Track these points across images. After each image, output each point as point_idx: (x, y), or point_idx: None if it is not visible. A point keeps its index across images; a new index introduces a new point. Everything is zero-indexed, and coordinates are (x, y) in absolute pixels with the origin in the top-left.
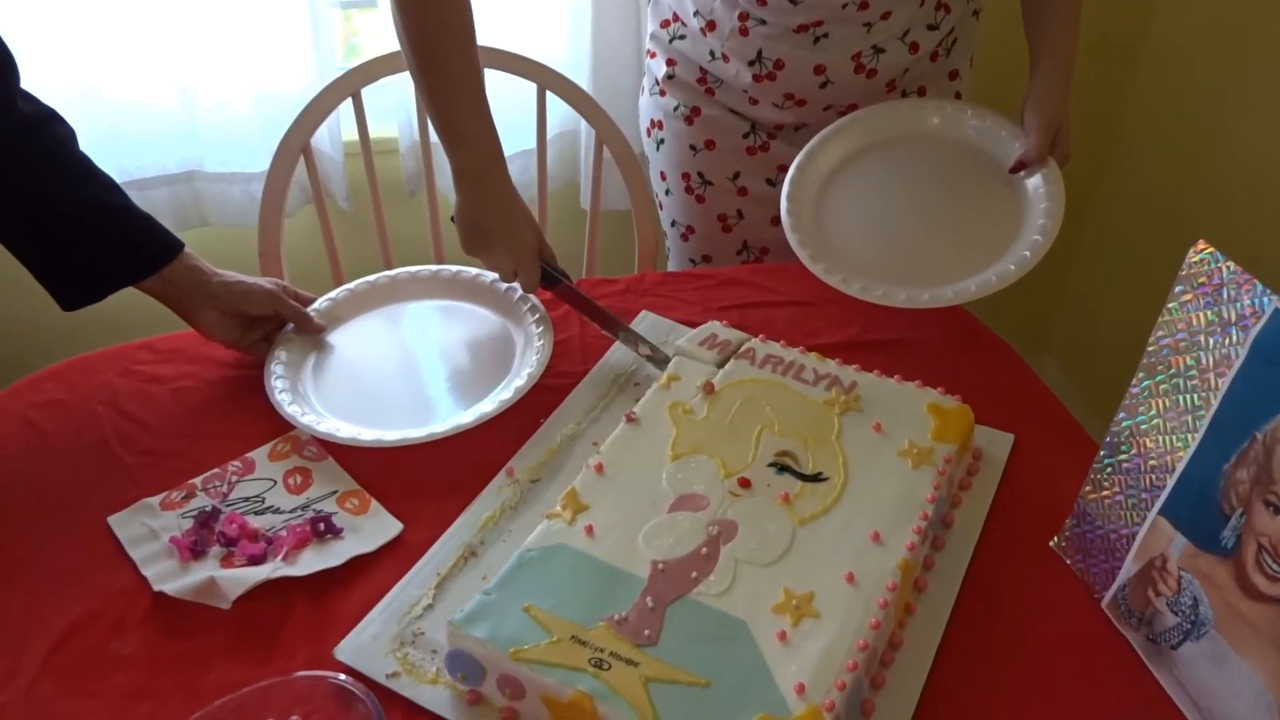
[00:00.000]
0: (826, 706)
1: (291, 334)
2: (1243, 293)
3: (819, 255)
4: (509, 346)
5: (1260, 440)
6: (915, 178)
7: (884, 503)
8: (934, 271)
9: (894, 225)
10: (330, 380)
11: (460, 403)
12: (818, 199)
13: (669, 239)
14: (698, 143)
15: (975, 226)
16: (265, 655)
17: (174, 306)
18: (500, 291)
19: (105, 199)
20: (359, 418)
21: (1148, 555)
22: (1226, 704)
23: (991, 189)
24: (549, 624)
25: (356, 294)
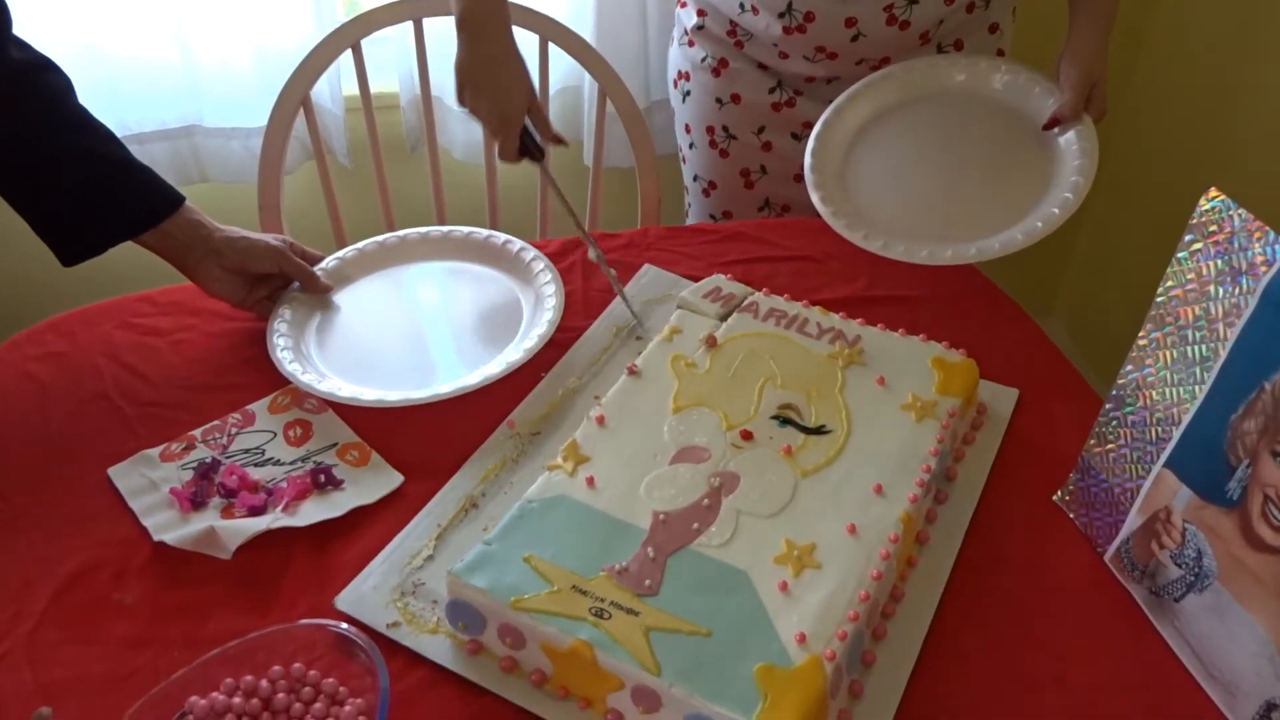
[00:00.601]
0: (827, 656)
1: (297, 293)
2: (1254, 240)
3: (840, 211)
4: (518, 308)
5: (1269, 390)
6: (944, 135)
7: (887, 455)
8: (958, 229)
9: (919, 183)
10: (335, 340)
11: (466, 364)
12: (843, 155)
13: (690, 194)
14: (724, 96)
15: (1003, 185)
16: (266, 605)
17: (175, 262)
18: (512, 254)
19: (103, 150)
20: (362, 377)
21: (1152, 508)
22: (1229, 656)
23: (1023, 147)
24: (549, 574)
25: (365, 254)
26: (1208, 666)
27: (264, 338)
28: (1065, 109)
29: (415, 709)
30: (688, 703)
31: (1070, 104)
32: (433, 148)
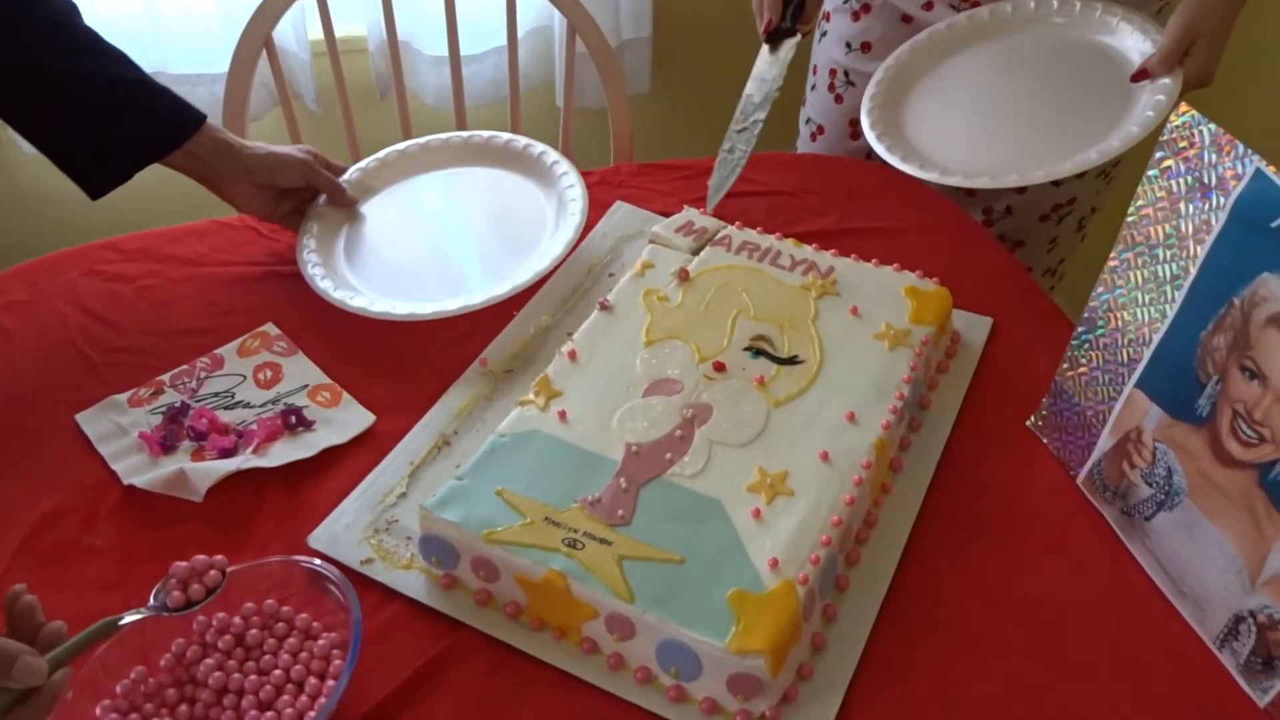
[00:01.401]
0: (800, 580)
1: (322, 208)
2: (1224, 155)
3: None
4: (542, 212)
5: (1238, 305)
6: (1015, 78)
7: (859, 384)
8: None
9: (978, 123)
10: (362, 255)
11: (493, 274)
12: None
13: (800, 137)
14: (854, 41)
15: (1063, 131)
16: (238, 545)
17: (205, 181)
18: (533, 157)
19: (118, 73)
20: (391, 291)
21: (1123, 429)
22: (1198, 572)
23: (1102, 96)
24: (522, 506)
25: (387, 163)
26: (1177, 583)
27: (227, 284)
28: (1153, 59)
29: (391, 643)
30: (661, 629)
31: (1161, 56)
32: (400, 92)
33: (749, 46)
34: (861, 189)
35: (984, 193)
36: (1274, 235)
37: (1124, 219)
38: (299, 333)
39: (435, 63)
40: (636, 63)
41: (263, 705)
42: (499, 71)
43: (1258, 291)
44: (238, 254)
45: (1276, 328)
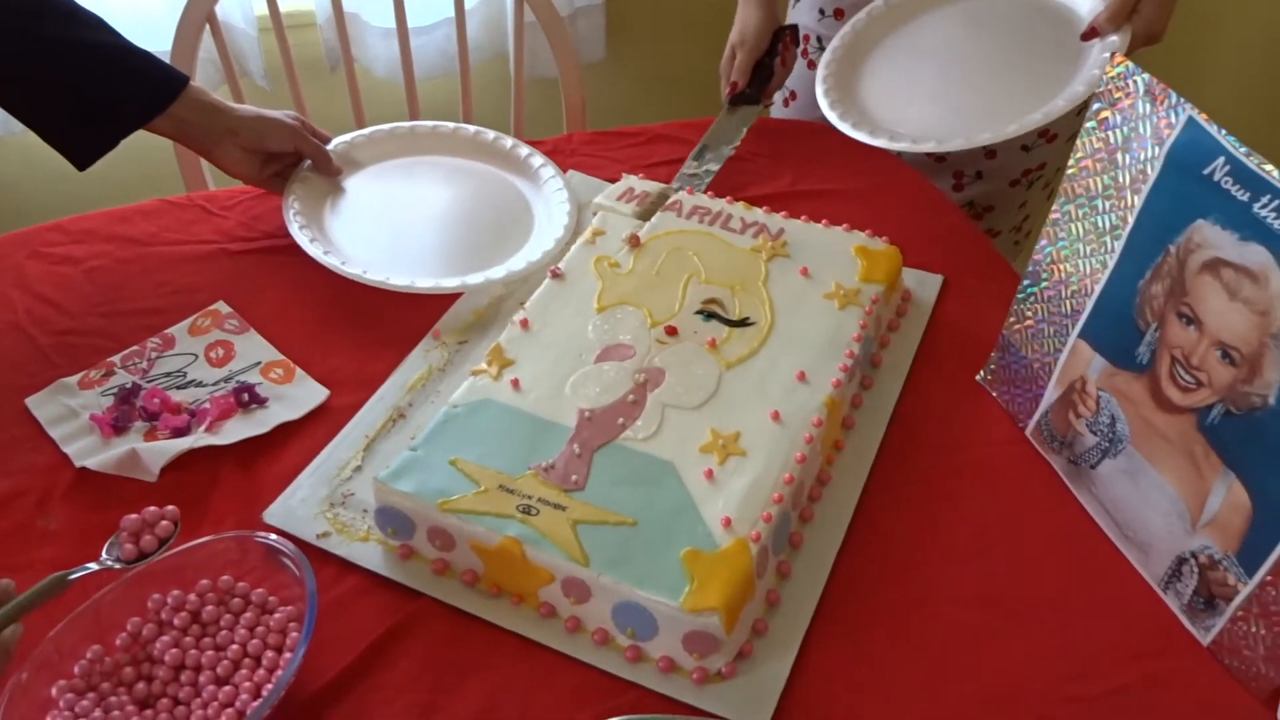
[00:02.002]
0: (753, 538)
1: (307, 174)
2: (1157, 105)
3: (846, 109)
4: (526, 211)
5: (1174, 253)
6: (971, 42)
7: (810, 343)
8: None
9: (932, 87)
10: (349, 224)
11: (480, 259)
12: (866, 57)
13: (773, 103)
14: (828, 8)
15: (1016, 92)
16: (194, 523)
17: (192, 145)
18: (520, 157)
19: (98, 39)
20: (380, 263)
21: (1068, 379)
22: (1143, 516)
23: (1055, 56)
24: (476, 475)
25: (374, 140)
26: (1123, 528)
27: (177, 263)
28: (1102, 18)
29: (349, 615)
30: (616, 590)
31: (1108, 13)
32: (349, 66)
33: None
34: (814, 152)
35: (954, 159)
36: (1206, 182)
37: None
38: (251, 310)
39: (385, 35)
40: (590, 30)
41: (220, 680)
42: (449, 43)
43: (1192, 238)
44: (187, 233)
45: (1211, 274)
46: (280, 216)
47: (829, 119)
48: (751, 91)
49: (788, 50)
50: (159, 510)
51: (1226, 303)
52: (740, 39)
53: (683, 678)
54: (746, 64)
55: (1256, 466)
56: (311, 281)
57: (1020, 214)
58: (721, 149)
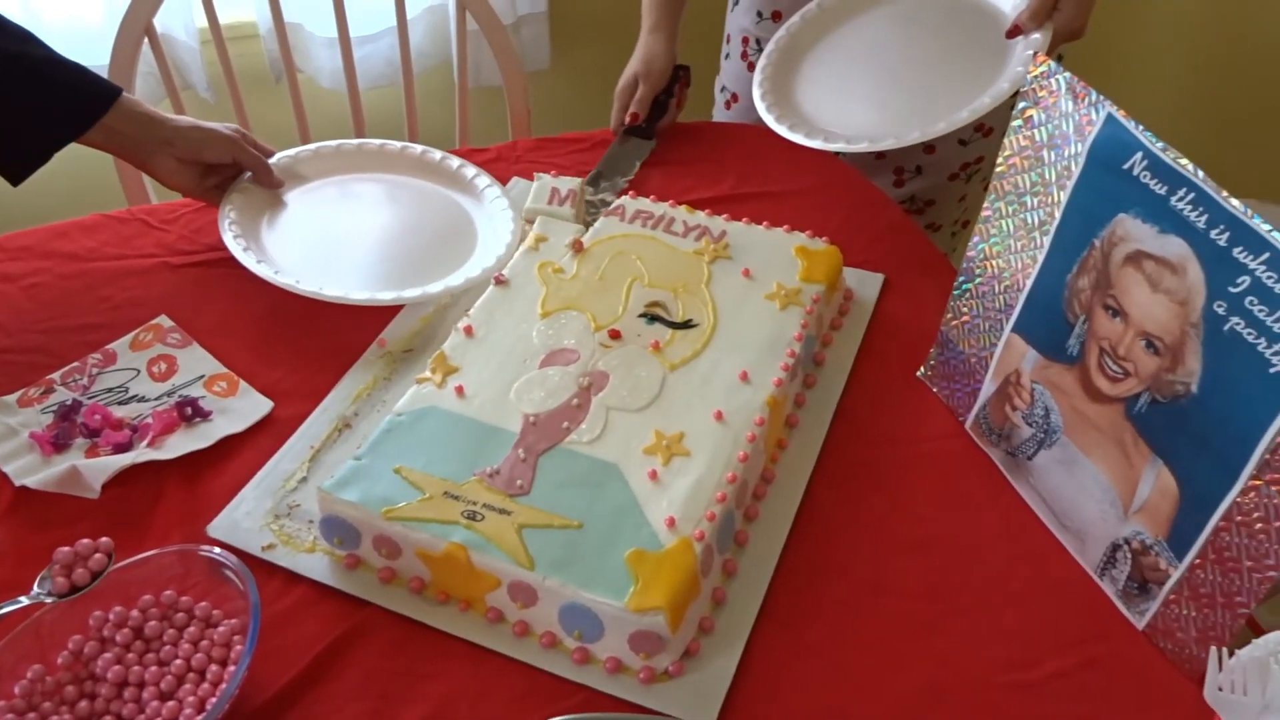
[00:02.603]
0: (696, 537)
1: (247, 185)
2: (1079, 102)
3: (782, 112)
4: (469, 230)
5: (1098, 246)
6: (903, 42)
7: (752, 344)
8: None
9: (867, 87)
10: (285, 236)
11: (420, 274)
12: (801, 59)
13: (715, 106)
14: (765, 10)
15: (946, 90)
16: (137, 540)
17: (128, 157)
18: (467, 179)
19: (24, 52)
20: (315, 276)
21: (1004, 373)
22: (1078, 505)
23: (982, 54)
24: (420, 482)
25: (321, 155)
26: (1060, 517)
27: (118, 278)
28: (1024, 16)
29: (296, 626)
30: (561, 593)
31: (1030, 11)
32: (292, 76)
33: None
34: (755, 154)
35: (893, 155)
36: (1127, 177)
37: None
38: (194, 323)
39: (329, 44)
40: (534, 38)
41: (164, 695)
42: (394, 52)
43: (1115, 232)
44: (127, 247)
45: (1134, 266)
46: None
47: (765, 120)
48: (645, 125)
49: (682, 90)
50: (92, 543)
51: (1149, 294)
52: (645, 70)
53: (630, 678)
54: (648, 96)
55: (1182, 453)
56: (255, 294)
57: (960, 208)
58: (616, 179)
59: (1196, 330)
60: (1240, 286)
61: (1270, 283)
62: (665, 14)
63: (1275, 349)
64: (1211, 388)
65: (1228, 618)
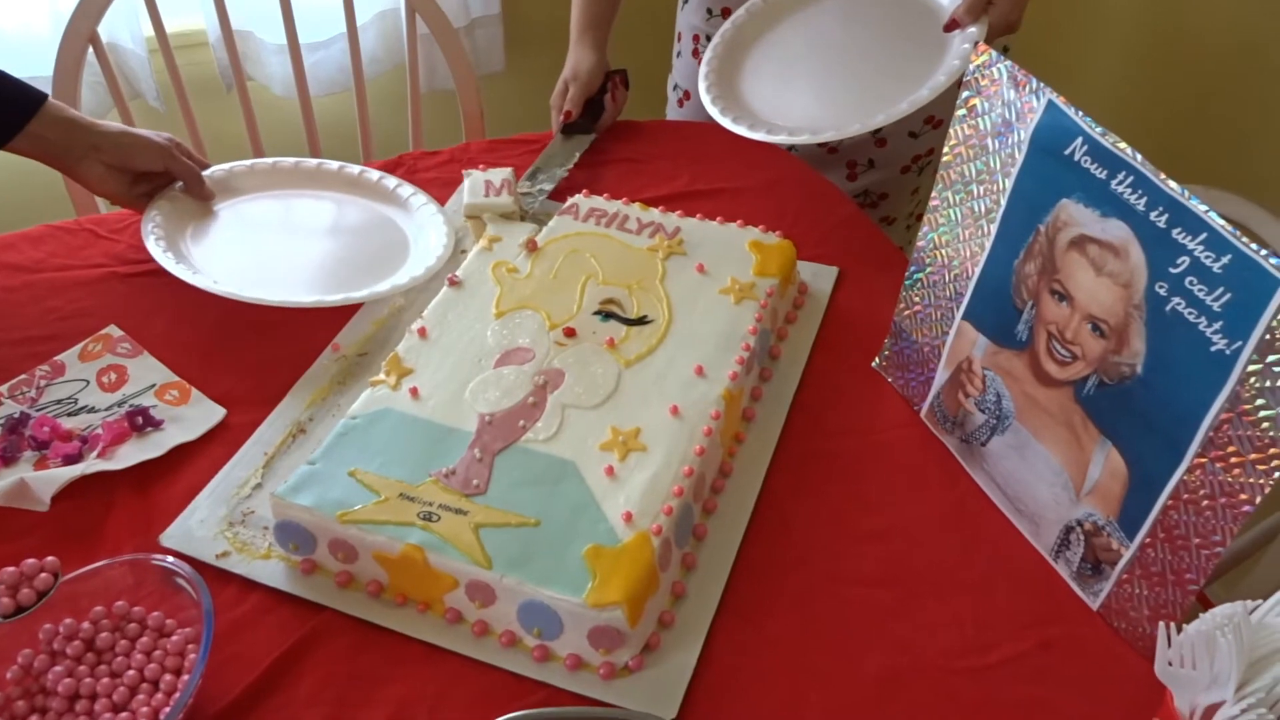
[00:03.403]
0: (654, 531)
1: (175, 194)
2: (1020, 90)
3: (726, 104)
4: (404, 243)
5: (1043, 232)
6: (845, 35)
7: (707, 338)
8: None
9: (810, 81)
10: (211, 243)
11: (345, 284)
12: (747, 53)
13: (669, 104)
14: (715, 7)
15: (887, 83)
16: (89, 552)
17: (55, 163)
18: (403, 198)
19: None
20: (238, 282)
21: (956, 360)
22: (1031, 488)
23: (922, 47)
24: (375, 485)
25: (256, 170)
26: (1014, 502)
27: (66, 289)
28: (960, 9)
29: (253, 633)
30: (520, 591)
31: (966, 5)
32: (241, 84)
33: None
34: (709, 152)
35: (846, 149)
36: (1068, 162)
37: None
38: (143, 333)
39: (279, 51)
40: (488, 41)
41: (117, 707)
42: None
43: (1059, 217)
44: (75, 257)
45: (1078, 250)
46: None
47: (710, 113)
48: (584, 121)
49: (617, 90)
50: (38, 563)
51: (1093, 278)
52: (573, 75)
53: (590, 674)
54: (578, 97)
55: (1130, 434)
56: (207, 303)
57: (913, 201)
58: (555, 171)
59: (1140, 312)
60: (1180, 267)
61: (1208, 262)
62: (590, 26)
63: (1215, 327)
64: (1156, 368)
65: (1178, 595)
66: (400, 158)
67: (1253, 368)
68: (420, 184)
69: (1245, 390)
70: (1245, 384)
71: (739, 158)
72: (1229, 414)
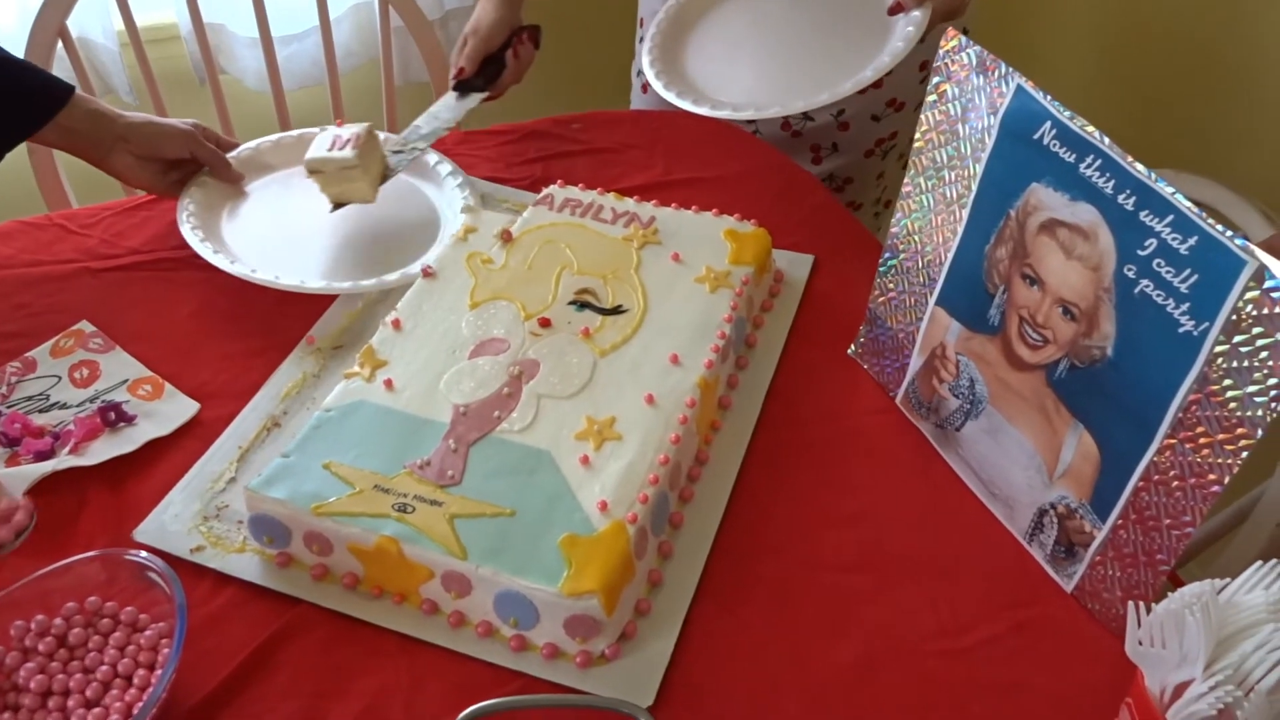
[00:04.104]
0: (629, 519)
1: (205, 179)
2: (989, 76)
3: (670, 79)
4: (434, 219)
5: (1014, 217)
6: (792, 14)
7: (682, 327)
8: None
9: (755, 59)
10: (246, 226)
11: (378, 264)
12: (691, 30)
13: (632, 90)
14: None
15: (833, 63)
16: (62, 548)
17: (84, 155)
18: (429, 165)
19: None
20: (274, 266)
21: (930, 346)
22: (1005, 472)
23: (869, 28)
24: (350, 477)
25: (282, 146)
26: (988, 486)
27: (36, 284)
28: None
29: (228, 627)
30: (495, 581)
31: None
32: (213, 77)
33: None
34: (684, 141)
35: (809, 133)
36: (1037, 147)
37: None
38: (116, 328)
39: (253, 45)
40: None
41: (90, 703)
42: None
43: (1029, 201)
44: (46, 253)
45: (1048, 234)
46: (144, 231)
47: (653, 86)
48: (480, 80)
49: (521, 45)
50: (12, 501)
51: (1064, 261)
52: (474, 29)
53: (567, 663)
54: (475, 53)
55: (1101, 416)
56: (180, 297)
57: (879, 185)
58: (436, 127)
59: (1109, 294)
60: (1148, 249)
61: (1175, 244)
62: None
63: (1182, 309)
64: (1125, 350)
65: (1150, 575)
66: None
67: (1220, 348)
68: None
69: (1213, 371)
70: (1213, 365)
71: (714, 147)
72: (1197, 395)
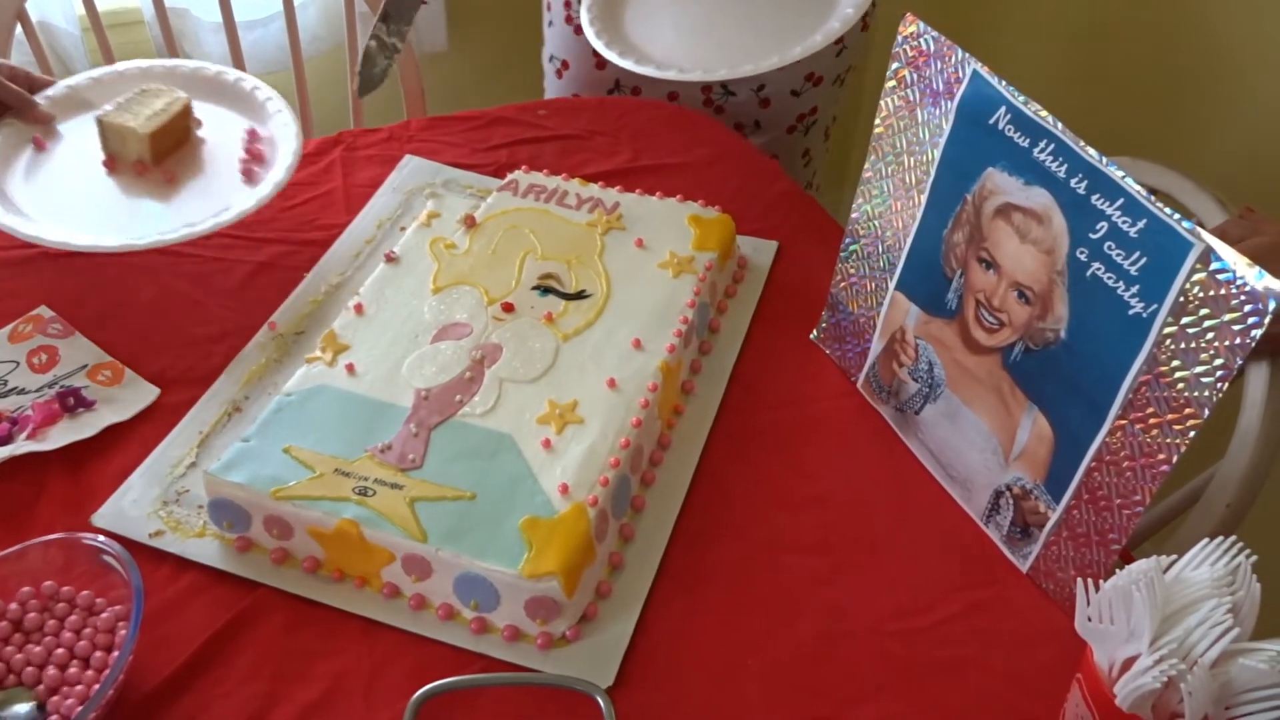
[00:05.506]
0: (590, 502)
1: (10, 121)
2: (946, 61)
3: (614, 42)
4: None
5: (970, 201)
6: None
7: (645, 311)
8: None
9: (697, 23)
10: (44, 176)
11: (187, 213)
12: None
13: (545, 76)
14: None
15: (774, 32)
16: (20, 534)
17: None
18: (246, 91)
19: None
20: (70, 221)
21: (890, 330)
22: (963, 455)
23: (806, 5)
24: (310, 461)
25: (102, 82)
26: (947, 468)
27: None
28: None
29: (187, 611)
30: (456, 563)
31: None
32: None
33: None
34: (650, 128)
35: (731, 109)
36: (993, 131)
37: (871, 129)
38: (76, 314)
39: (217, 29)
40: (430, 19)
41: (49, 686)
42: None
43: (985, 185)
44: (4, 238)
45: (1003, 218)
46: None
47: (595, 45)
48: None
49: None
50: None
51: (1018, 245)
52: None
53: (528, 644)
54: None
55: (1055, 398)
56: (141, 282)
57: (807, 168)
58: None
59: (1062, 277)
60: (1099, 233)
61: (1125, 227)
62: None
63: (1132, 291)
64: (1078, 333)
65: (1102, 554)
66: (339, 135)
67: (1168, 330)
68: (359, 161)
69: (1161, 352)
70: (1161, 346)
71: (679, 135)
72: (1147, 376)
